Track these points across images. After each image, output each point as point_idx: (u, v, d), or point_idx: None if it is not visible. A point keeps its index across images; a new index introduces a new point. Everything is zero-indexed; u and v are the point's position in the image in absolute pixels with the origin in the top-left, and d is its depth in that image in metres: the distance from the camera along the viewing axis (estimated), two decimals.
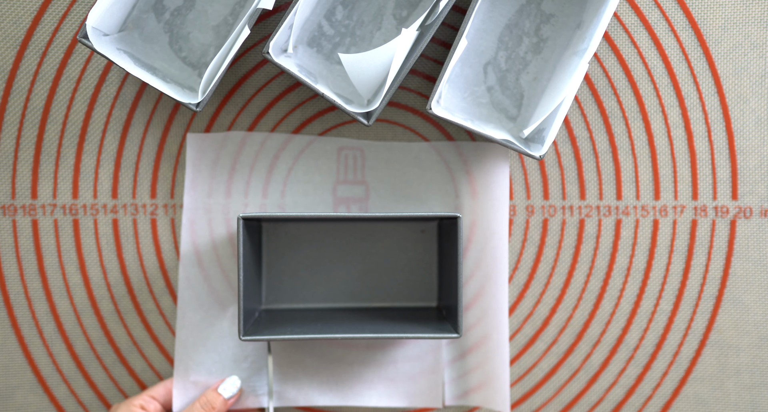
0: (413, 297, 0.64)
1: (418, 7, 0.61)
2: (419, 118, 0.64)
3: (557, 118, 0.57)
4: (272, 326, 0.58)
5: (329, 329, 0.57)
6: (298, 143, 0.63)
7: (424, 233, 0.64)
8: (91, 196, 0.63)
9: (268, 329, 0.58)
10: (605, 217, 0.64)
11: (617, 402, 0.64)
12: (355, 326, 0.58)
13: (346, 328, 0.58)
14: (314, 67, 0.61)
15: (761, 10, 0.63)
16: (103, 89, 0.63)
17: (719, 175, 0.64)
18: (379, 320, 0.60)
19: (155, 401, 0.61)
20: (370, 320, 0.60)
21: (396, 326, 0.58)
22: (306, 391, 0.63)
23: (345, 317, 0.61)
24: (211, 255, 0.63)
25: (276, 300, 0.64)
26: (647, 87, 0.63)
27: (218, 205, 0.63)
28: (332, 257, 0.63)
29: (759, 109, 0.63)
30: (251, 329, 0.58)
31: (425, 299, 0.64)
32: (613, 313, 0.64)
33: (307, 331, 0.57)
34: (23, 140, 0.63)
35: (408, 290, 0.64)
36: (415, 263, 0.64)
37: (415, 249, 0.64)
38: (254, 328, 0.58)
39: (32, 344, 0.64)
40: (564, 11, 0.61)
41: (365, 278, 0.63)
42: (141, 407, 0.59)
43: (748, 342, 0.64)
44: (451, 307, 0.58)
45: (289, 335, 0.56)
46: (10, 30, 0.62)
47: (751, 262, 0.64)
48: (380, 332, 0.57)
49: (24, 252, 0.63)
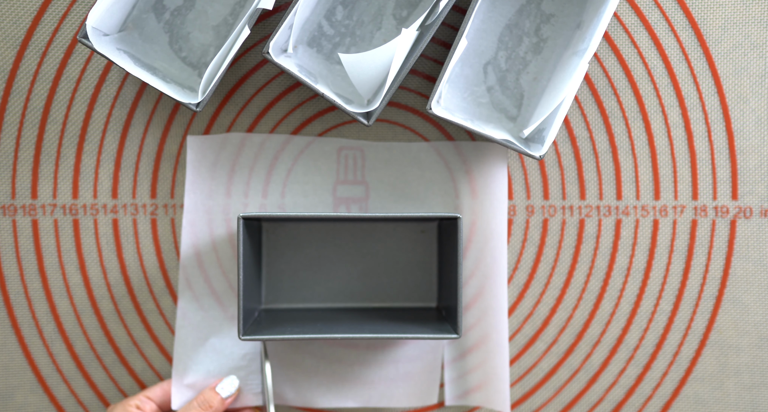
0: (413, 297, 0.64)
1: (418, 7, 0.61)
2: (419, 118, 0.64)
3: (557, 118, 0.57)
4: (272, 326, 0.58)
5: (329, 329, 0.57)
6: (298, 144, 0.63)
7: (424, 233, 0.64)
8: (91, 196, 0.63)
9: (268, 329, 0.58)
10: (605, 217, 0.64)
11: (617, 402, 0.64)
12: (355, 326, 0.58)
13: (345, 328, 0.58)
14: (314, 67, 0.61)
15: (761, 10, 0.63)
16: (103, 89, 0.63)
17: (719, 175, 0.64)
18: (379, 320, 0.60)
19: (151, 401, 0.61)
20: (369, 321, 0.60)
21: (395, 327, 0.58)
22: (305, 393, 0.63)
23: (345, 317, 0.61)
24: (212, 256, 0.63)
25: (276, 300, 0.64)
26: (647, 87, 0.63)
27: (218, 206, 0.63)
28: (332, 256, 0.63)
29: (759, 109, 0.63)
30: (251, 329, 0.58)
31: (425, 299, 0.64)
32: (613, 313, 0.64)
33: (307, 331, 0.57)
34: (23, 140, 0.63)
35: (408, 291, 0.64)
36: (415, 263, 0.64)
37: (415, 249, 0.64)
38: (254, 328, 0.58)
39: (32, 344, 0.64)
40: (564, 11, 0.61)
41: (365, 278, 0.63)
42: (137, 407, 0.59)
43: (748, 342, 0.64)
44: (451, 307, 0.58)
45: (289, 334, 0.56)
46: (10, 30, 0.62)
47: (751, 262, 0.64)
48: (380, 333, 0.57)
49: (24, 252, 0.63)
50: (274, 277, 0.63)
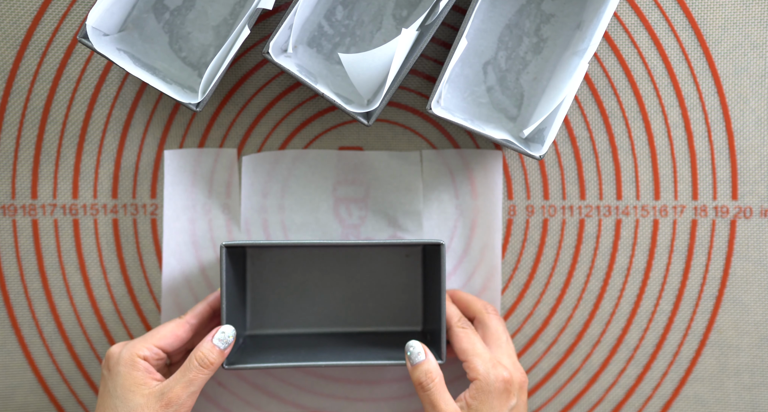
0: (398, 321, 0.64)
1: (418, 7, 0.61)
2: (419, 118, 0.64)
3: (557, 118, 0.57)
4: (256, 353, 0.58)
5: (314, 356, 0.57)
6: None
7: (408, 257, 0.63)
8: (91, 196, 0.63)
9: (252, 356, 0.58)
10: (605, 217, 0.64)
11: (617, 402, 0.64)
12: (340, 353, 0.58)
13: (330, 354, 0.58)
14: (314, 67, 0.61)
15: (761, 10, 0.63)
16: (103, 89, 0.63)
17: (719, 175, 0.64)
18: (364, 345, 0.60)
19: (160, 350, 0.56)
20: (355, 346, 0.60)
21: (380, 352, 0.58)
22: (290, 404, 0.63)
23: (330, 342, 0.61)
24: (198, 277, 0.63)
25: (261, 326, 0.63)
26: (647, 87, 0.63)
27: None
28: (317, 281, 0.63)
29: (759, 109, 0.63)
30: (236, 357, 0.57)
31: (410, 323, 0.64)
32: (613, 313, 0.64)
33: (292, 358, 0.57)
34: (23, 140, 0.63)
35: (393, 315, 0.64)
36: (400, 287, 0.63)
37: (400, 274, 0.63)
38: (238, 355, 0.58)
39: (32, 344, 0.64)
40: (564, 11, 0.61)
41: (350, 303, 0.63)
42: (144, 358, 0.55)
43: (748, 342, 0.64)
44: (435, 331, 0.58)
45: (273, 363, 0.56)
46: (10, 30, 0.62)
47: (751, 262, 0.64)
48: (363, 359, 0.57)
49: (24, 252, 0.63)
50: (258, 302, 0.63)
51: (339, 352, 0.58)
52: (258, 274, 0.63)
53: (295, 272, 0.63)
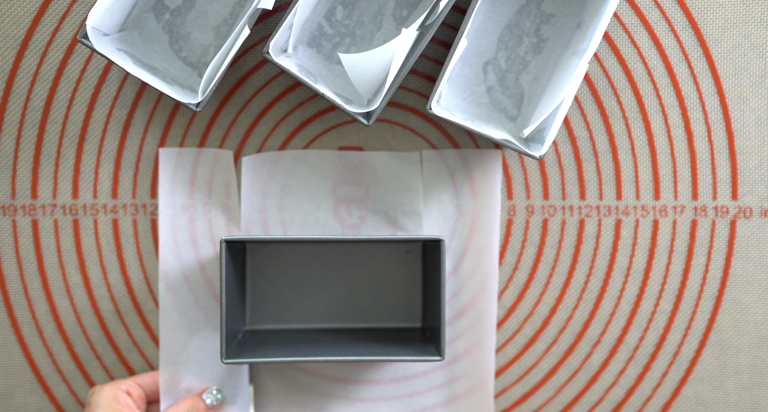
0: (398, 318, 0.64)
1: (418, 7, 0.61)
2: (419, 118, 0.64)
3: (557, 118, 0.57)
4: (256, 348, 0.58)
5: (313, 351, 0.57)
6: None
7: (408, 253, 0.63)
8: (91, 196, 0.63)
9: (252, 351, 0.58)
10: (605, 217, 0.64)
11: (617, 402, 0.64)
12: (339, 348, 0.58)
13: (329, 350, 0.58)
14: (314, 67, 0.61)
15: (761, 10, 0.63)
16: (103, 89, 0.63)
17: (719, 175, 0.64)
18: (363, 341, 0.60)
19: (140, 388, 0.60)
20: (354, 342, 0.60)
21: (379, 349, 0.58)
22: (290, 406, 0.63)
23: (329, 337, 0.61)
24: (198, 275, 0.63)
25: (260, 321, 0.63)
26: (647, 87, 0.63)
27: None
28: (317, 277, 0.63)
29: (759, 109, 0.63)
30: (234, 352, 0.58)
31: (410, 319, 0.64)
32: (613, 313, 0.64)
33: (291, 353, 0.57)
34: (23, 140, 0.63)
35: (392, 311, 0.64)
36: (400, 283, 0.63)
37: (400, 270, 0.63)
38: (237, 350, 0.58)
39: (32, 344, 0.64)
40: (564, 11, 0.61)
41: (350, 299, 0.63)
42: (127, 392, 0.59)
43: (748, 342, 0.64)
44: (435, 328, 0.58)
45: (272, 357, 0.56)
46: (10, 30, 0.62)
47: (751, 262, 0.64)
48: (363, 355, 0.57)
49: (24, 252, 0.63)
50: (258, 298, 0.63)
51: (338, 348, 0.58)
52: (257, 269, 0.63)
53: (295, 267, 0.63)
